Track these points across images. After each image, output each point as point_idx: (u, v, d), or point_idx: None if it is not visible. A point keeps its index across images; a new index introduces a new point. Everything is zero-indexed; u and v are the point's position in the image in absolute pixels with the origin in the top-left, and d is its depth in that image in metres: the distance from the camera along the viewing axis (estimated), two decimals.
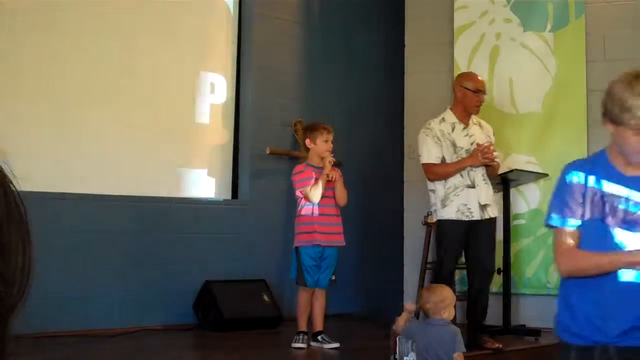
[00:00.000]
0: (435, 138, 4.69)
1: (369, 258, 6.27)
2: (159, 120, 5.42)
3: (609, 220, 2.27)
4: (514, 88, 5.89)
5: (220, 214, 5.56)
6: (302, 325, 4.62)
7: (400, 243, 6.26)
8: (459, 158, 4.67)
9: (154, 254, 5.12)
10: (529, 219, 5.73)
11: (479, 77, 4.90)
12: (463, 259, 4.83)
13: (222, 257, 5.44)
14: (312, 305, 4.64)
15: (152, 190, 5.30)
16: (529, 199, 5.75)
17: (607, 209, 2.27)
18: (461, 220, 4.61)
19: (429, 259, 5.59)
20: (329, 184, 4.62)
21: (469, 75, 4.92)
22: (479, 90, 4.76)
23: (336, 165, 4.81)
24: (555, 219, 2.36)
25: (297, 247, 4.63)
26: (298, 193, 4.65)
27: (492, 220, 4.70)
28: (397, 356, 3.68)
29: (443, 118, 4.80)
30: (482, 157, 4.57)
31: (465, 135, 4.73)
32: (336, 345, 4.58)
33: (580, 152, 5.65)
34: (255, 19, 5.87)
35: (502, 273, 5.20)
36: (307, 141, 4.69)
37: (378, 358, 4.16)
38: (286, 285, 5.48)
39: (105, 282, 4.90)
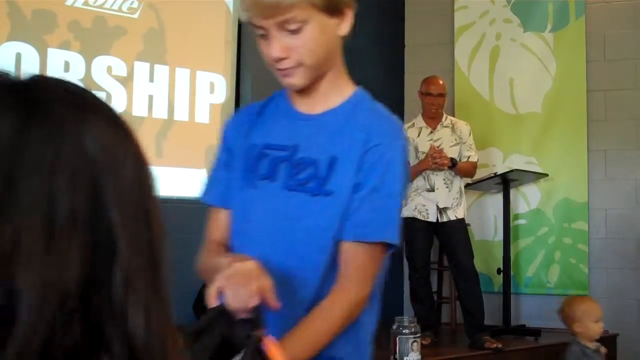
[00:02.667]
0: None
1: None
2: (158, 120, 5.43)
3: (264, 186, 1.44)
4: (514, 88, 5.89)
5: None
6: None
7: (400, 243, 6.26)
8: None
9: None
10: (529, 219, 5.73)
11: (436, 80, 4.93)
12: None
13: None
14: None
15: None
16: (529, 199, 5.75)
17: (265, 169, 1.45)
18: (418, 219, 4.75)
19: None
20: None
21: (425, 79, 5.01)
22: (429, 93, 4.86)
23: None
24: (201, 193, 1.57)
25: None
26: None
27: (460, 221, 4.76)
28: (397, 356, 3.68)
29: (413, 123, 4.99)
30: (431, 162, 4.67)
31: (430, 140, 4.84)
32: None
33: (580, 152, 5.66)
34: None
35: (502, 273, 5.20)
36: None
37: (378, 358, 4.16)
38: None
39: None
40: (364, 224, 1.38)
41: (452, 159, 4.72)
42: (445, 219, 4.75)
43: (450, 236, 4.75)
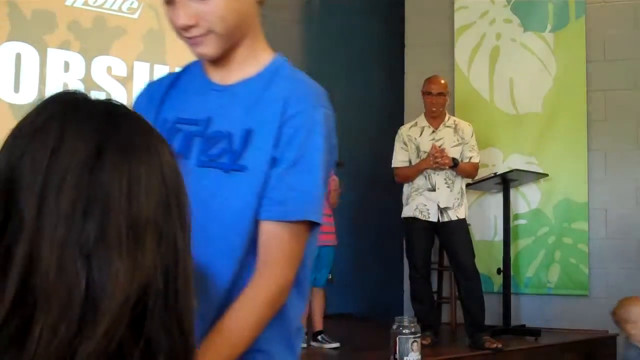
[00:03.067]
0: (402, 143, 4.90)
1: (369, 258, 6.27)
2: None
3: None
4: (514, 88, 5.88)
5: None
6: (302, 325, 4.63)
7: (400, 243, 6.26)
8: None
9: None
10: (530, 219, 5.73)
11: (437, 80, 4.92)
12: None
13: None
14: (311, 304, 4.65)
15: None
16: (530, 199, 5.75)
17: (178, 146, 1.31)
18: (419, 219, 4.75)
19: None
20: None
21: (427, 79, 5.00)
22: (429, 93, 4.87)
23: (338, 165, 4.83)
24: None
25: None
26: None
27: (461, 221, 4.76)
28: (397, 356, 3.68)
29: (416, 122, 4.98)
30: (433, 161, 4.67)
31: (432, 139, 4.83)
32: (336, 345, 4.59)
33: (580, 152, 5.66)
34: None
35: (502, 273, 5.20)
36: None
37: (378, 358, 4.16)
38: None
39: None
40: (283, 201, 1.24)
41: (453, 159, 4.72)
42: (446, 219, 4.75)
43: (452, 236, 4.75)
